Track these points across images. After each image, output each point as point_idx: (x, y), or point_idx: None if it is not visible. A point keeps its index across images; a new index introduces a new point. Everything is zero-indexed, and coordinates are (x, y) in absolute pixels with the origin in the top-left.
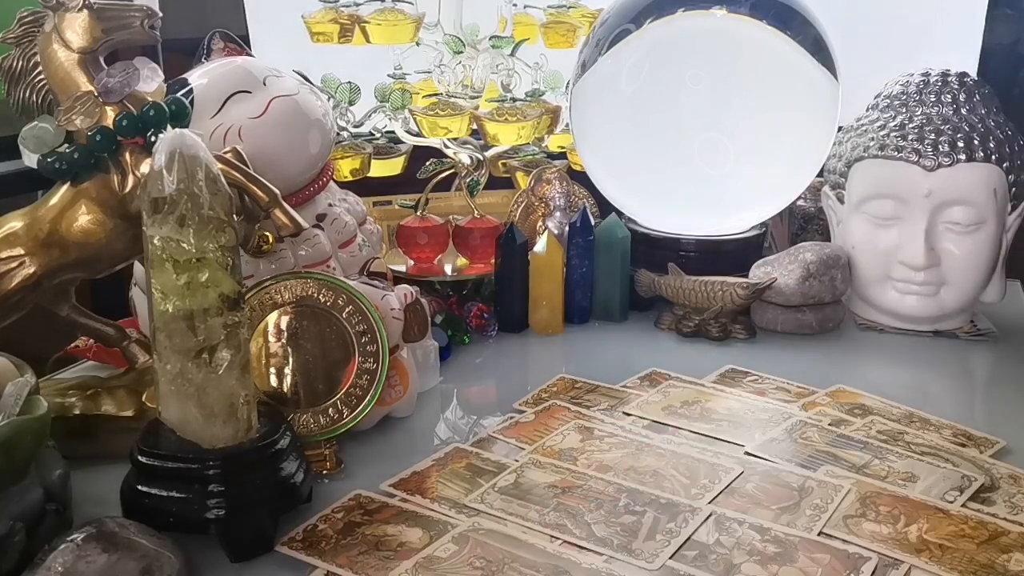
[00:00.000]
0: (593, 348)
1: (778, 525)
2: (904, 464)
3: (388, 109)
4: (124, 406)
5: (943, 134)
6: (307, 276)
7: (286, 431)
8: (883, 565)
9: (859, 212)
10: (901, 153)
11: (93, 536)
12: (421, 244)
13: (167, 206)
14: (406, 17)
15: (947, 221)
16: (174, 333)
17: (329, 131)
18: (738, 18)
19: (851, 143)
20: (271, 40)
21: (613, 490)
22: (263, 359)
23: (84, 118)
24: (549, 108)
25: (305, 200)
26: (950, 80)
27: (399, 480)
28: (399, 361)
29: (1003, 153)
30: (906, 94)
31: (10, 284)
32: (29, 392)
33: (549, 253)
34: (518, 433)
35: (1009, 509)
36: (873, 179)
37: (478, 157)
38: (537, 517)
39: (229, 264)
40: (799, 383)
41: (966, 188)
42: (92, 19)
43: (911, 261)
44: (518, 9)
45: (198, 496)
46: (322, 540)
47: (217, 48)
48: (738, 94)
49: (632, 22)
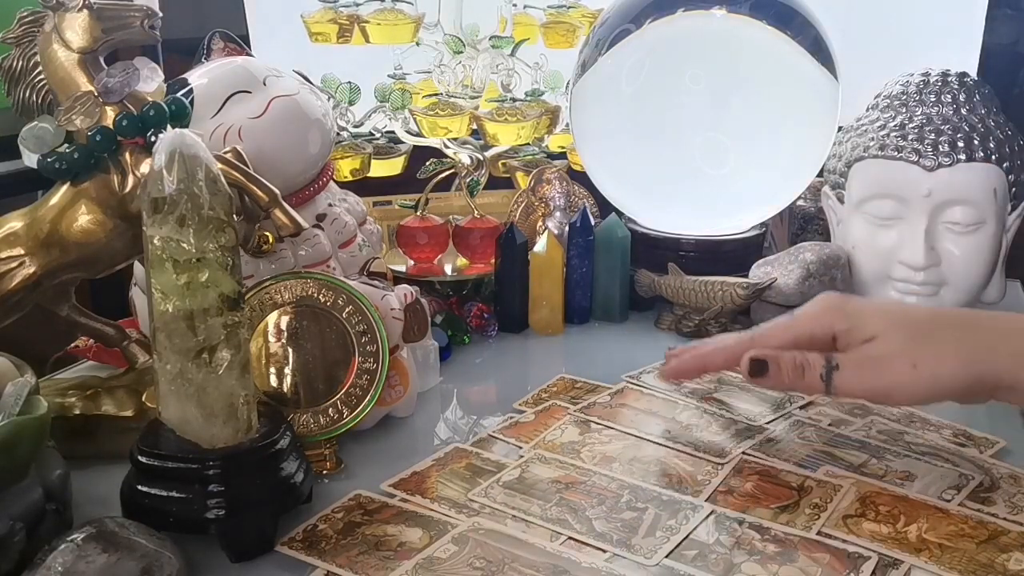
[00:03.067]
0: (593, 348)
1: (777, 524)
2: (902, 463)
3: (388, 109)
4: (124, 406)
5: (943, 134)
6: (307, 276)
7: (286, 431)
8: (883, 564)
9: (859, 212)
10: (901, 153)
11: (93, 536)
12: (421, 244)
13: (167, 206)
14: (406, 17)
15: (947, 221)
16: (174, 333)
17: (329, 131)
18: (738, 18)
19: (851, 143)
20: (271, 40)
21: (616, 486)
22: (263, 359)
23: (84, 118)
24: (549, 108)
25: (305, 200)
26: (950, 80)
27: (399, 480)
28: (399, 361)
29: (1003, 153)
30: (906, 94)
31: (10, 284)
32: (29, 392)
33: (549, 253)
34: (518, 433)
35: (1009, 509)
36: (873, 179)
37: (478, 157)
38: (539, 512)
39: (229, 264)
40: None
41: (966, 188)
42: (92, 19)
43: (911, 261)
44: (518, 9)
45: (198, 496)
46: (322, 540)
47: (217, 48)
48: (738, 94)
49: (632, 22)
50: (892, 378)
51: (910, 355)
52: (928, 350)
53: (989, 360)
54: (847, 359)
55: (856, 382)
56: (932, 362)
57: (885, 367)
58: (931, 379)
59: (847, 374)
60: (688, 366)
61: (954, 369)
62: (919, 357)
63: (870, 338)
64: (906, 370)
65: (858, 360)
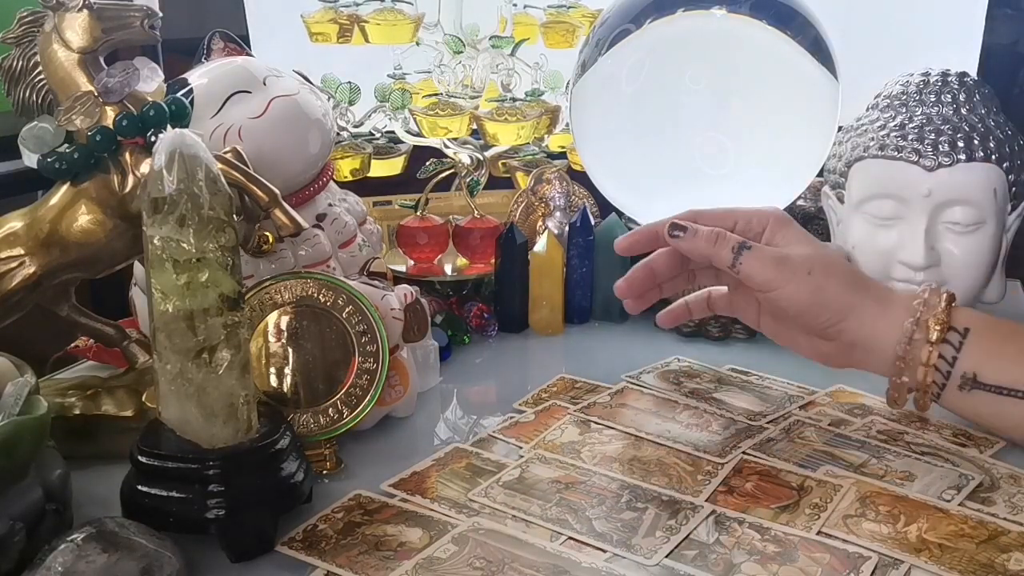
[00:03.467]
0: (593, 348)
1: (777, 524)
2: (902, 463)
3: (388, 109)
4: (124, 406)
5: (943, 134)
6: (307, 276)
7: (286, 431)
8: (883, 564)
9: (859, 212)
10: (901, 153)
11: (93, 536)
12: (421, 244)
13: (167, 206)
14: (406, 17)
15: (947, 221)
16: (174, 333)
17: (329, 131)
18: (738, 18)
19: (851, 143)
20: (271, 40)
21: (616, 486)
22: (263, 359)
23: (84, 118)
24: (549, 108)
25: (305, 200)
26: (950, 80)
27: (399, 480)
28: (399, 361)
29: (1003, 153)
30: (906, 94)
31: (10, 284)
32: (29, 392)
33: (549, 253)
34: (518, 433)
35: (1009, 509)
36: (873, 179)
37: (478, 157)
38: (539, 512)
39: (229, 264)
40: (799, 383)
41: (966, 188)
42: (92, 19)
43: (911, 261)
44: (518, 9)
45: (198, 496)
46: (322, 540)
47: (217, 48)
48: (738, 94)
49: (632, 22)
50: (788, 275)
51: (809, 264)
52: (825, 268)
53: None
54: (760, 247)
55: (759, 268)
56: (822, 275)
57: (787, 264)
58: (817, 288)
59: (754, 256)
60: (639, 236)
61: (838, 288)
62: (816, 268)
63: (783, 244)
64: (802, 274)
65: (769, 252)
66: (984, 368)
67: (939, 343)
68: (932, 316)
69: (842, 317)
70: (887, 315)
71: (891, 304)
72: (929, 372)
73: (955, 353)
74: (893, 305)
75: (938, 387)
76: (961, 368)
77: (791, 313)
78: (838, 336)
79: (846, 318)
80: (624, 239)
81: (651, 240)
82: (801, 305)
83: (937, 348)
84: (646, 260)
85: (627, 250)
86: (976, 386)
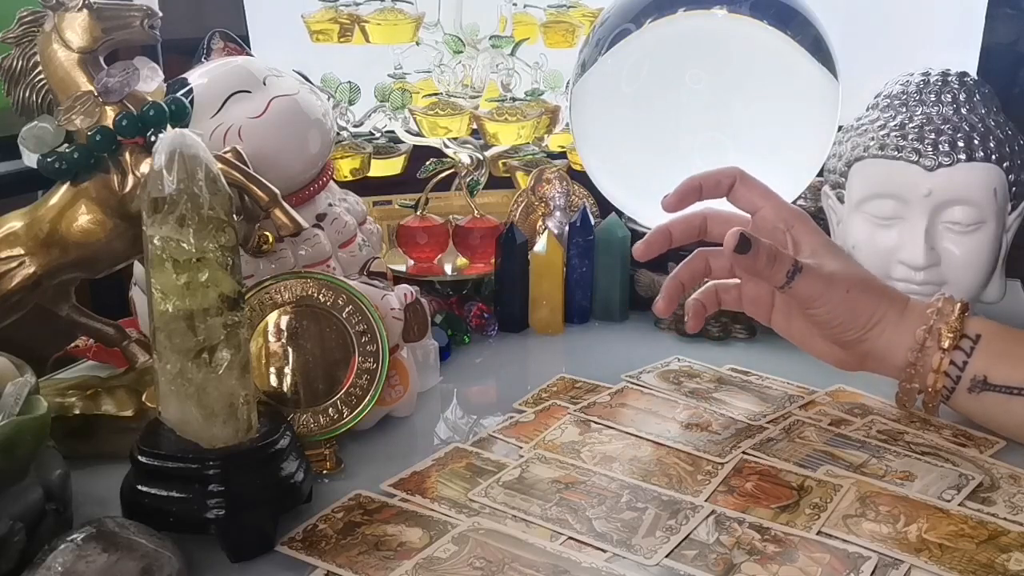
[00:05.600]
0: (593, 348)
1: (777, 524)
2: (902, 463)
3: (388, 109)
4: (124, 406)
5: (943, 134)
6: (307, 276)
7: (286, 431)
8: (883, 564)
9: (859, 212)
10: (901, 153)
11: (93, 536)
12: (421, 244)
13: (167, 206)
14: (406, 17)
15: (947, 221)
16: (174, 333)
17: (329, 131)
18: (738, 18)
19: (851, 143)
20: (271, 40)
21: (616, 486)
22: (263, 359)
23: (84, 118)
24: (549, 108)
25: (305, 200)
26: (950, 80)
27: (399, 480)
28: (399, 361)
29: (1003, 153)
30: (906, 94)
31: (10, 284)
32: (29, 392)
33: (549, 253)
34: (518, 433)
35: (1009, 509)
36: (873, 179)
37: (478, 157)
38: (539, 512)
39: (229, 264)
40: (799, 383)
41: (966, 188)
42: (92, 19)
43: (911, 261)
44: (518, 9)
45: (198, 496)
46: (322, 540)
47: (217, 48)
48: (738, 94)
49: (632, 22)
50: (832, 294)
51: (848, 282)
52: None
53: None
54: (810, 268)
55: (808, 289)
56: (857, 292)
57: (832, 284)
58: (853, 306)
59: (806, 280)
60: (654, 239)
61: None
62: (853, 287)
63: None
64: (841, 292)
65: (817, 272)
66: (994, 369)
67: (951, 350)
68: (945, 324)
69: (868, 331)
70: (902, 324)
71: (907, 313)
72: (940, 378)
73: (966, 358)
74: (909, 314)
75: (948, 391)
76: (971, 372)
77: (821, 324)
78: (858, 346)
79: (871, 332)
80: (640, 245)
81: (664, 240)
82: (836, 320)
83: (949, 355)
84: (663, 224)
85: (645, 254)
86: (986, 387)
